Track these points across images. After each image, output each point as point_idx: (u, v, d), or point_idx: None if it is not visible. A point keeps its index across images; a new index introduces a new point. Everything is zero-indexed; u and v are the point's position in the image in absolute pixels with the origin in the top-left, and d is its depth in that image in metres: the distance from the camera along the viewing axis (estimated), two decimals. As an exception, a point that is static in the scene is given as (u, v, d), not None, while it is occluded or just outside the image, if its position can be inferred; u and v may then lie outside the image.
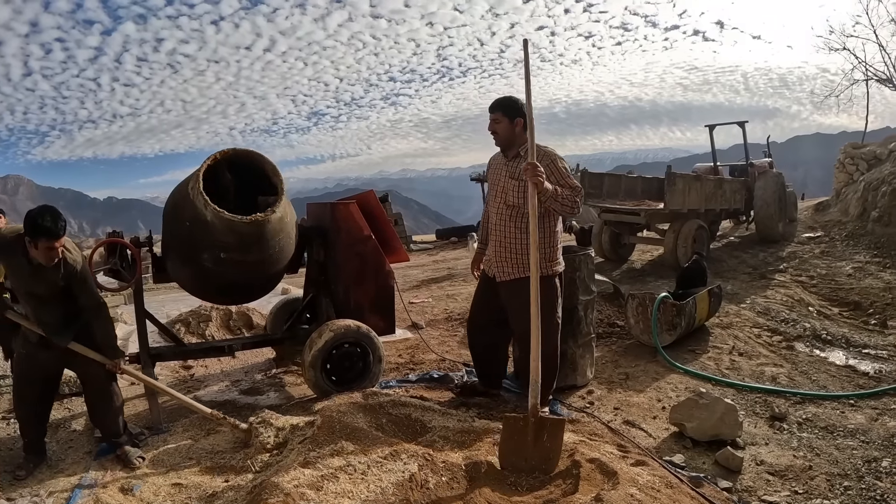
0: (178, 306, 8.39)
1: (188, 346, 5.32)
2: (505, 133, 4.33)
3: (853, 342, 6.64)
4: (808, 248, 11.50)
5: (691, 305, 6.41)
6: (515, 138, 4.32)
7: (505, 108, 4.31)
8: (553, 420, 3.58)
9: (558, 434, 3.46)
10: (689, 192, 10.39)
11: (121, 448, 4.00)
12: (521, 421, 3.50)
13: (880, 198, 11.70)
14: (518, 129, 4.29)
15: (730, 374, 5.62)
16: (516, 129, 4.29)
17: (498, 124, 4.33)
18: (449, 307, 9.17)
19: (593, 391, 5.14)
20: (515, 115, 4.28)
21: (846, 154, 15.47)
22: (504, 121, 4.31)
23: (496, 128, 4.35)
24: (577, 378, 5.17)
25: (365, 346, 4.98)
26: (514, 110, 4.28)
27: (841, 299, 8.55)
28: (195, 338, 6.93)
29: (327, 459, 3.28)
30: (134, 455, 3.96)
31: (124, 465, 3.92)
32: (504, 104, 4.33)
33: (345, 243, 5.26)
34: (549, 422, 3.51)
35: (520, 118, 4.26)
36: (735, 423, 4.12)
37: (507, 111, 4.30)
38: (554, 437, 3.45)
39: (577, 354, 5.13)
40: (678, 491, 3.14)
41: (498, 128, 4.34)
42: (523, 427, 3.48)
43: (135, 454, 3.97)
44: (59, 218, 3.57)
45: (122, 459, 3.96)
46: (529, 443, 3.43)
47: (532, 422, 3.48)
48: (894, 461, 3.86)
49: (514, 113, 4.28)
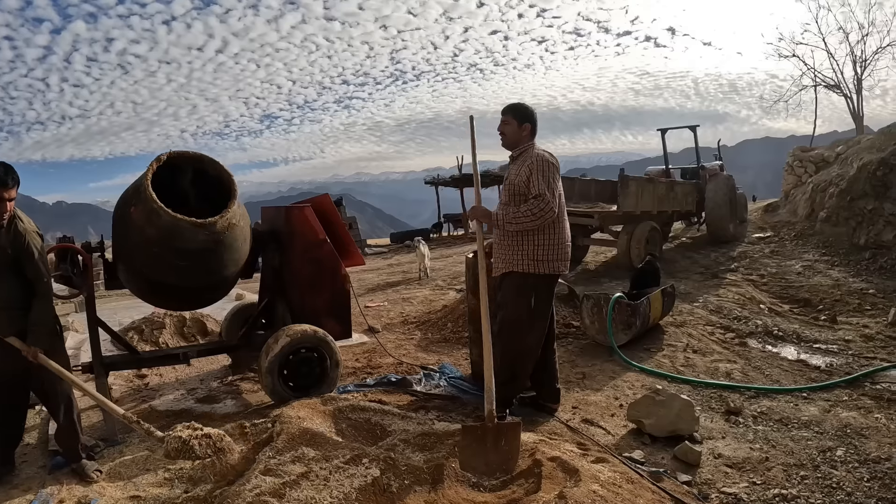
0: (130, 313, 8.20)
1: (142, 355, 5.18)
2: (512, 135, 4.47)
3: (804, 337, 6.80)
4: (758, 247, 11.78)
5: (645, 305, 6.49)
6: (520, 141, 4.45)
7: (515, 111, 4.47)
8: (509, 424, 3.65)
9: (516, 437, 3.55)
10: (642, 195, 10.55)
11: (77, 461, 3.87)
12: (479, 429, 3.59)
13: (828, 199, 12.03)
14: (525, 134, 4.45)
15: (685, 371, 5.71)
16: (523, 133, 4.45)
17: (507, 126, 4.47)
18: (405, 311, 9.17)
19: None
20: (524, 121, 4.44)
21: (795, 157, 15.88)
22: (513, 123, 4.45)
23: (505, 129, 4.49)
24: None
25: (322, 351, 4.92)
26: (524, 115, 4.46)
27: (791, 296, 8.77)
28: (149, 345, 6.78)
29: (289, 466, 3.23)
30: (91, 468, 3.84)
31: (81, 478, 3.78)
32: (515, 108, 4.49)
33: (300, 248, 5.21)
34: (506, 426, 3.59)
35: (528, 123, 4.45)
36: (692, 418, 4.19)
37: (517, 115, 4.46)
38: (512, 440, 3.53)
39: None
40: (639, 486, 3.19)
41: (506, 129, 4.48)
42: (481, 434, 3.56)
43: (91, 467, 3.85)
44: (11, 171, 3.48)
45: (78, 473, 3.83)
46: (489, 448, 3.50)
47: (489, 427, 3.56)
48: (848, 450, 3.97)
49: (524, 118, 4.45)
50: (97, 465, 3.93)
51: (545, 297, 4.40)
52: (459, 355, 6.42)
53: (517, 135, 4.45)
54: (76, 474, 3.83)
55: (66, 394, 3.93)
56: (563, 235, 4.35)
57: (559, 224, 4.33)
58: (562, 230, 4.35)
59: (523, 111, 4.47)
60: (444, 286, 11.40)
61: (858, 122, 24.25)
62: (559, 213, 4.29)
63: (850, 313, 7.76)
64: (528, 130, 4.45)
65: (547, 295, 4.42)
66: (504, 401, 4.39)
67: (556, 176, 4.26)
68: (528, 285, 4.34)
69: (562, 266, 4.37)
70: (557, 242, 4.31)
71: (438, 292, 10.72)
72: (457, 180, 30.38)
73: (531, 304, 4.33)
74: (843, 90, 24.57)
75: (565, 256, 4.38)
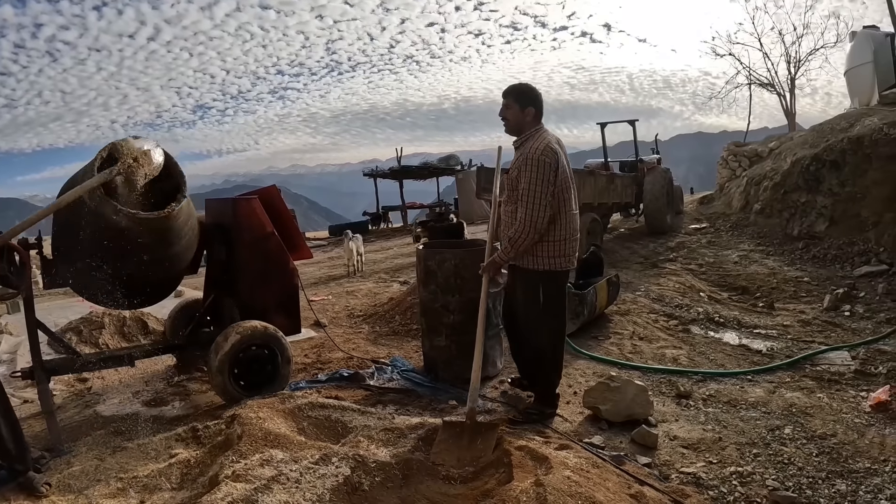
0: (65, 314, 7.89)
1: (85, 358, 4.93)
2: (515, 119, 4.24)
3: (744, 323, 7.03)
4: (695, 238, 12.10)
5: (592, 294, 6.59)
6: (524, 126, 4.23)
7: (518, 94, 4.24)
8: (488, 424, 3.73)
9: (492, 437, 3.60)
10: (583, 188, 10.72)
11: (23, 475, 3.61)
12: (458, 426, 3.66)
13: (762, 192, 12.44)
14: (528, 119, 4.22)
15: (633, 357, 5.84)
16: (527, 118, 4.21)
17: (509, 110, 4.25)
18: (350, 304, 9.12)
19: (505, 381, 5.18)
20: (527, 104, 4.20)
21: (729, 152, 16.35)
22: (514, 107, 4.23)
23: (507, 113, 4.27)
24: (488, 369, 5.20)
25: (273, 348, 4.81)
26: (527, 98, 4.21)
27: (729, 285, 9.03)
28: (88, 347, 6.51)
29: (258, 470, 3.13)
30: (39, 482, 3.59)
31: (29, 493, 3.53)
32: (518, 90, 4.26)
33: (247, 241, 5.07)
34: (485, 426, 3.68)
35: (531, 107, 4.20)
36: (646, 402, 4.29)
37: (520, 98, 4.22)
38: (487, 440, 3.57)
39: (487, 346, 5.16)
40: (605, 470, 3.25)
41: (508, 114, 4.26)
42: (460, 431, 3.62)
43: (40, 480, 3.61)
44: None
45: (25, 487, 3.57)
46: (464, 445, 3.53)
47: (468, 426, 3.63)
48: (795, 428, 4.14)
49: (527, 101, 4.20)
50: (45, 477, 3.69)
51: (553, 293, 4.25)
52: (409, 348, 6.42)
53: (520, 120, 4.22)
54: (24, 489, 3.57)
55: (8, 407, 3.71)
56: (565, 231, 4.17)
57: (560, 220, 4.15)
58: (564, 226, 4.17)
59: (526, 93, 4.23)
60: (388, 279, 11.40)
61: (791, 119, 25.07)
62: (561, 209, 4.12)
63: (786, 300, 8.05)
64: (531, 115, 4.21)
65: (555, 291, 4.27)
66: (543, 397, 4.45)
67: (546, 178, 4.00)
68: (534, 282, 4.23)
69: (567, 262, 4.22)
70: (561, 239, 4.16)
71: (382, 285, 10.70)
72: (395, 172, 30.37)
73: (540, 301, 4.21)
74: (776, 89, 25.35)
75: (570, 251, 4.23)
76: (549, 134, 4.20)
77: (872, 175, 10.11)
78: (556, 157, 4.04)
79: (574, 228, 4.25)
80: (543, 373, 4.43)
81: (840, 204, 10.38)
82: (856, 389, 4.86)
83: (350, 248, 12.50)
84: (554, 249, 4.15)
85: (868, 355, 5.58)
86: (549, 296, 4.23)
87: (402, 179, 30.73)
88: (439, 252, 5.29)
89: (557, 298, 4.31)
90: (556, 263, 4.17)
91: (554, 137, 4.20)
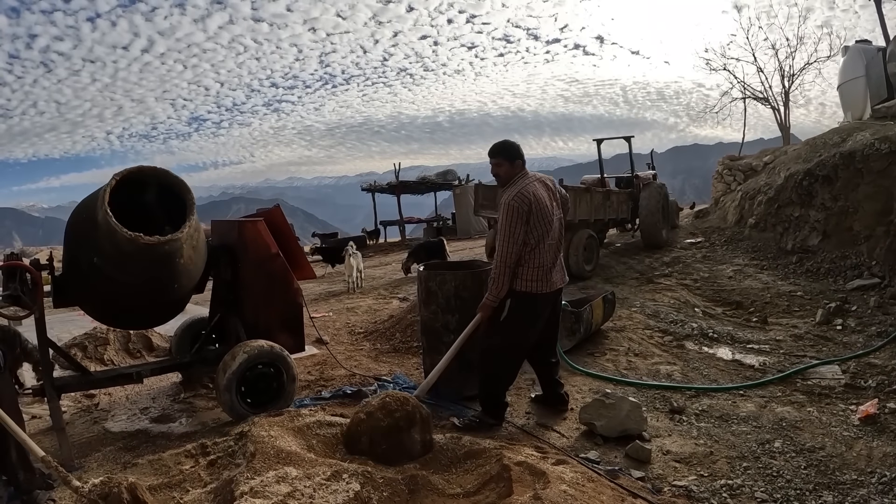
0: (67, 328, 7.90)
1: (94, 375, 5.07)
2: (507, 174, 4.66)
3: (738, 338, 7.16)
4: (690, 252, 12.21)
5: (588, 312, 6.71)
6: (514, 176, 4.63)
7: (506, 152, 4.68)
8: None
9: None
10: (580, 204, 10.87)
11: (28, 492, 3.69)
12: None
13: (756, 206, 12.57)
14: (518, 170, 4.64)
15: (628, 373, 5.98)
16: (516, 171, 4.64)
17: (500, 167, 4.67)
18: (350, 321, 9.21)
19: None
20: (516, 158, 4.66)
21: (724, 166, 16.49)
22: (505, 164, 4.65)
23: (499, 171, 4.69)
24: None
25: (279, 366, 4.92)
26: (514, 153, 4.67)
27: (724, 300, 9.15)
28: (94, 363, 6.61)
29: (274, 486, 3.24)
30: (44, 498, 3.69)
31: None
32: (504, 149, 4.70)
33: (253, 262, 5.20)
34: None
35: (519, 160, 4.66)
36: (640, 418, 4.45)
37: (509, 155, 4.66)
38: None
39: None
40: (600, 484, 3.41)
41: (500, 171, 4.68)
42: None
43: (44, 497, 3.70)
44: None
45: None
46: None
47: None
48: (785, 442, 4.29)
49: (514, 156, 4.66)
50: (52, 494, 3.77)
51: (518, 311, 4.55)
52: (410, 365, 6.53)
53: (511, 172, 4.64)
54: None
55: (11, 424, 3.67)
56: (535, 261, 4.49)
57: (539, 251, 4.49)
58: (536, 258, 4.49)
59: (512, 150, 4.69)
60: (387, 295, 11.47)
61: (785, 132, 25.26)
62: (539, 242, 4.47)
63: (779, 315, 8.18)
64: (520, 166, 4.65)
65: (520, 310, 4.55)
66: (483, 406, 4.74)
67: (515, 221, 4.39)
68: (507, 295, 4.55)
69: (538, 286, 4.52)
70: (533, 267, 4.49)
71: (382, 301, 10.78)
72: (394, 187, 30.49)
73: (502, 312, 4.55)
74: (770, 102, 25.56)
75: (543, 279, 4.53)
76: (529, 179, 4.59)
77: (864, 189, 10.25)
78: (528, 201, 4.42)
79: (546, 262, 4.56)
80: (481, 380, 4.74)
81: (833, 218, 10.51)
82: (845, 403, 5.01)
83: (350, 264, 12.59)
84: (527, 274, 4.51)
85: (858, 369, 5.74)
86: (514, 312, 4.55)
87: (399, 194, 30.84)
88: (440, 273, 5.43)
89: (520, 318, 4.57)
90: (530, 287, 4.52)
91: (532, 181, 4.59)
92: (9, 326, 5.00)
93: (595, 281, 10.35)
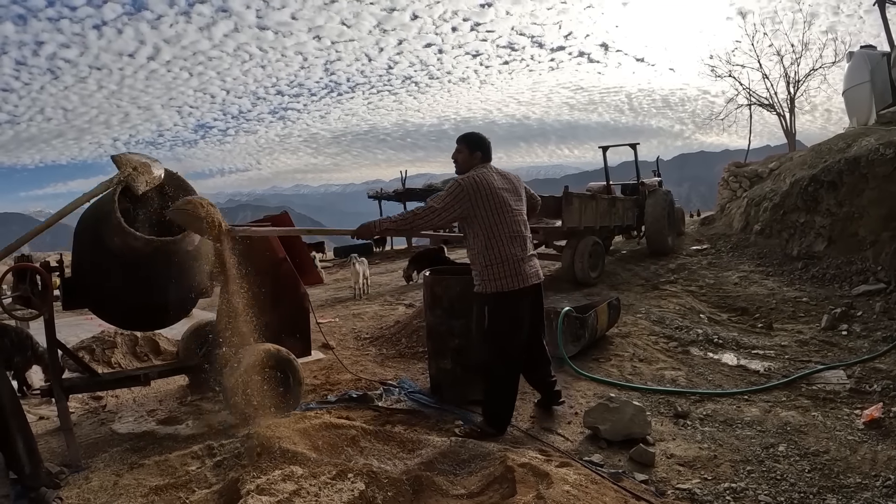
0: (75, 331, 7.97)
1: (102, 377, 5.13)
2: (464, 162, 4.78)
3: (743, 344, 7.16)
4: (696, 259, 12.21)
5: (593, 318, 6.74)
6: (472, 167, 4.73)
7: (468, 140, 4.80)
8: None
9: None
10: (585, 211, 10.92)
11: (35, 490, 3.70)
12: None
13: (762, 212, 12.57)
14: (476, 161, 4.74)
15: (633, 378, 5.99)
16: (474, 161, 4.74)
17: (460, 153, 4.81)
18: (356, 326, 9.25)
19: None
20: (476, 149, 4.76)
21: (730, 172, 16.50)
22: (465, 151, 4.78)
23: (458, 156, 4.82)
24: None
25: (285, 370, 4.96)
26: (475, 144, 4.78)
27: (729, 306, 9.15)
28: (101, 366, 6.63)
29: (280, 485, 3.29)
30: (51, 496, 3.70)
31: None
32: (468, 138, 4.82)
33: (261, 266, 5.23)
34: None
35: (479, 151, 4.75)
36: (644, 422, 4.46)
37: (469, 144, 4.79)
38: None
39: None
40: (603, 486, 3.43)
41: (459, 157, 4.81)
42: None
43: (52, 496, 3.71)
44: None
45: (36, 502, 3.68)
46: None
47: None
48: (789, 446, 4.30)
49: (475, 146, 4.77)
50: (59, 492, 3.79)
51: (498, 314, 4.52)
52: (416, 370, 6.56)
53: (469, 162, 4.75)
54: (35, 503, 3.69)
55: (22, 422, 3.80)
56: (501, 254, 4.46)
57: (494, 245, 4.47)
58: (499, 249, 4.47)
59: (475, 140, 4.80)
60: (393, 301, 11.51)
61: (791, 138, 25.25)
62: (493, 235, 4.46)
63: (785, 320, 8.18)
64: (479, 158, 4.75)
65: (500, 312, 4.52)
66: (485, 416, 4.74)
67: (453, 196, 4.46)
68: (480, 304, 4.60)
69: (509, 283, 4.46)
70: (499, 261, 4.46)
71: (388, 307, 10.82)
72: (400, 194, 30.61)
73: (484, 322, 4.55)
74: (776, 109, 25.55)
75: (512, 274, 4.47)
76: (486, 169, 4.68)
77: (869, 195, 10.25)
78: (473, 182, 4.51)
79: (513, 254, 4.51)
80: (486, 392, 4.75)
81: (838, 223, 10.51)
82: (850, 407, 5.01)
83: (357, 270, 12.66)
84: (495, 272, 4.48)
85: (863, 373, 5.73)
86: (494, 316, 4.54)
87: (405, 201, 30.95)
88: (445, 278, 5.48)
89: (503, 318, 4.55)
90: (500, 285, 4.48)
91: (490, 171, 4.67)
92: (20, 328, 5.06)
93: (600, 287, 10.35)
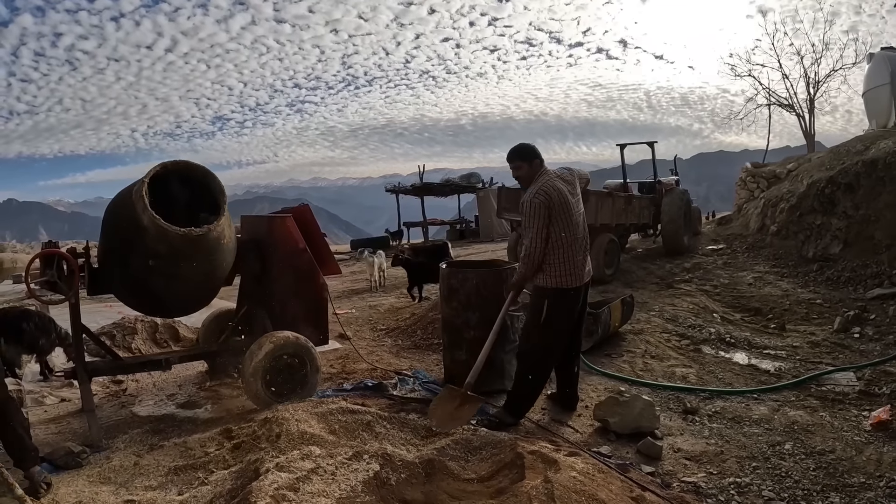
0: (95, 318, 8.09)
1: (125, 361, 5.27)
2: (527, 175, 4.78)
3: (755, 344, 7.21)
4: (711, 259, 12.23)
5: (606, 314, 6.81)
6: (536, 175, 4.74)
7: (522, 155, 4.80)
8: (473, 397, 4.63)
9: (473, 408, 4.60)
10: (602, 208, 10.96)
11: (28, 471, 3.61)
12: (455, 392, 4.68)
13: (779, 213, 12.55)
14: (537, 169, 4.76)
15: (644, 375, 6.07)
16: (535, 170, 4.76)
17: (520, 170, 4.80)
18: (373, 318, 9.38)
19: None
20: (534, 158, 4.77)
21: (748, 173, 16.46)
22: (524, 166, 4.77)
23: (519, 173, 4.81)
24: (505, 383, 5.40)
25: (303, 357, 5.06)
26: (531, 154, 4.79)
27: (742, 306, 9.19)
28: (122, 351, 6.74)
29: (298, 463, 3.42)
30: (40, 476, 3.63)
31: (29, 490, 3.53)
32: (521, 152, 4.81)
33: (281, 256, 5.36)
34: (471, 398, 4.62)
35: (536, 160, 4.77)
36: (653, 416, 4.55)
37: (524, 156, 4.79)
38: (471, 408, 4.58)
39: (505, 361, 5.41)
40: (610, 476, 3.53)
41: (521, 173, 4.80)
42: (454, 395, 4.67)
43: (41, 475, 3.64)
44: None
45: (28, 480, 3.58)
46: (454, 406, 4.56)
47: (461, 393, 4.63)
48: (795, 444, 4.36)
49: (530, 156, 4.78)
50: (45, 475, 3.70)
51: (556, 310, 4.65)
52: (430, 361, 6.67)
53: (531, 173, 4.76)
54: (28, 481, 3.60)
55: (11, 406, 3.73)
56: (566, 255, 4.59)
57: (560, 248, 4.59)
58: (564, 251, 4.59)
59: (529, 150, 4.81)
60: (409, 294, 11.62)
61: (810, 139, 25.09)
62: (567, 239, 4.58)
63: (797, 322, 8.21)
64: (538, 165, 4.76)
65: (558, 308, 4.66)
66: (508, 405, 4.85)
67: (538, 216, 4.50)
68: (540, 297, 4.69)
69: (570, 280, 4.63)
70: (563, 262, 4.59)
71: (404, 300, 10.94)
72: (417, 189, 30.63)
73: (541, 315, 4.64)
74: (795, 109, 25.37)
75: (573, 272, 4.63)
76: (550, 175, 4.71)
77: (886, 198, 10.24)
78: (547, 194, 4.53)
79: (575, 251, 4.66)
80: (516, 380, 4.87)
81: (854, 226, 10.50)
82: (858, 409, 5.05)
83: (371, 261, 12.79)
84: (559, 270, 4.61)
85: (874, 376, 5.76)
86: (552, 311, 4.64)
87: (423, 196, 30.97)
88: (462, 271, 5.58)
89: (559, 317, 4.68)
90: (562, 281, 4.62)
91: (553, 177, 4.69)
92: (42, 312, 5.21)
93: (615, 285, 10.42)
